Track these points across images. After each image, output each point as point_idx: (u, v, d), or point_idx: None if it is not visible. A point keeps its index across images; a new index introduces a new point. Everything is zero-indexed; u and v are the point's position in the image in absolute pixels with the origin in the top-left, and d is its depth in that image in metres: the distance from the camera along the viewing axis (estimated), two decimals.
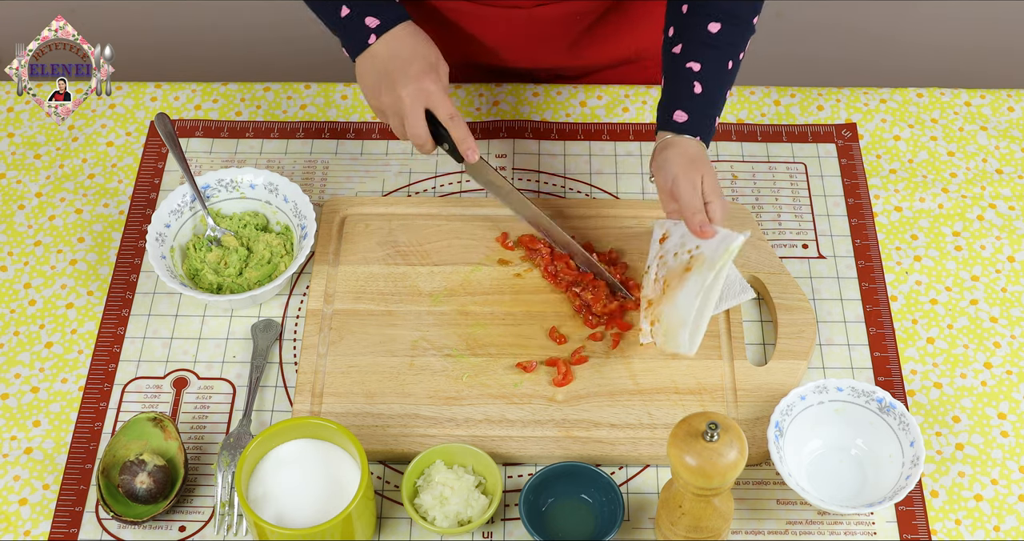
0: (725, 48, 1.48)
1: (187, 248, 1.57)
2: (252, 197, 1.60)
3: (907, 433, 1.38)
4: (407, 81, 1.47)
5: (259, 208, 1.60)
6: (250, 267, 1.55)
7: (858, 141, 1.72)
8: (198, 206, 1.58)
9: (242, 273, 1.55)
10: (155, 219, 1.54)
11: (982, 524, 1.39)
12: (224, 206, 1.60)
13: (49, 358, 1.52)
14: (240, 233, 1.58)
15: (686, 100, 1.47)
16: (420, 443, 1.42)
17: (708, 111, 1.48)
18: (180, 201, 1.57)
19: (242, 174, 1.59)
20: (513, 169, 1.69)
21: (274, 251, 1.56)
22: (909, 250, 1.61)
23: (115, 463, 1.40)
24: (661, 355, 1.49)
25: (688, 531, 1.30)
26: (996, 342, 1.53)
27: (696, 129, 1.47)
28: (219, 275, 1.54)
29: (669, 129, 1.47)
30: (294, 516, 1.31)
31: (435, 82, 1.48)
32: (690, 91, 1.47)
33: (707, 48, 1.48)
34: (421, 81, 1.47)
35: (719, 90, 1.49)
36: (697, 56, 1.48)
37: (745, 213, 1.61)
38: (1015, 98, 1.77)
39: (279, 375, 1.50)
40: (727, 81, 1.50)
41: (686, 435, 1.21)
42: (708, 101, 1.48)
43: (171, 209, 1.56)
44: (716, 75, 1.48)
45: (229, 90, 1.79)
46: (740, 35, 1.50)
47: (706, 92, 1.47)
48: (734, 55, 1.50)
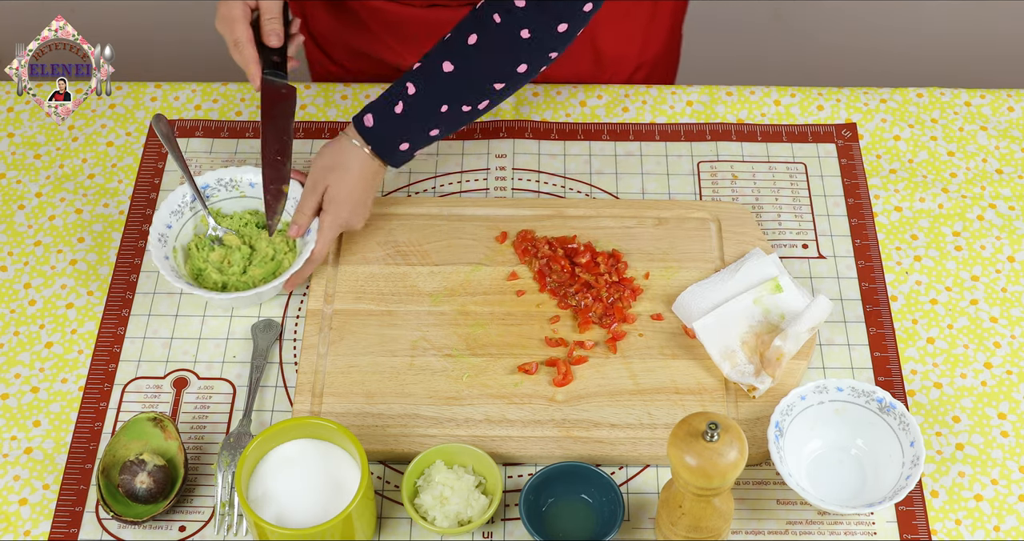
0: (447, 91, 1.45)
1: (189, 248, 1.56)
2: (253, 195, 1.60)
3: (907, 433, 1.38)
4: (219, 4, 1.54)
5: (260, 206, 1.60)
6: (254, 265, 1.54)
7: (858, 141, 1.72)
8: (198, 206, 1.57)
9: (246, 271, 1.54)
10: (156, 220, 1.54)
11: (982, 524, 1.39)
12: (224, 205, 1.60)
13: (49, 358, 1.52)
14: (242, 232, 1.57)
15: (382, 112, 1.47)
16: (420, 443, 1.42)
17: (398, 133, 1.48)
18: (180, 202, 1.57)
19: (242, 173, 1.59)
20: (513, 169, 1.69)
21: (277, 248, 1.56)
22: (909, 250, 1.61)
23: (115, 463, 1.40)
24: (661, 355, 1.49)
25: (688, 531, 1.30)
26: (996, 342, 1.53)
27: (376, 140, 1.48)
28: (223, 274, 1.53)
29: (356, 125, 1.49)
30: (294, 516, 1.31)
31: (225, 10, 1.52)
32: (391, 108, 1.47)
33: (431, 79, 1.44)
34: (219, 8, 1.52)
35: (420, 122, 1.46)
36: (418, 80, 1.45)
37: (745, 213, 1.61)
38: (1015, 98, 1.77)
39: (279, 375, 1.50)
40: (434, 120, 1.47)
41: (686, 435, 1.21)
42: (401, 125, 1.47)
43: (171, 210, 1.56)
44: (424, 109, 1.46)
45: (229, 90, 1.79)
46: (468, 89, 1.45)
47: (404, 116, 1.46)
48: (455, 103, 1.45)
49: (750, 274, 1.52)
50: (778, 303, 1.49)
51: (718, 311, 1.48)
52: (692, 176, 1.68)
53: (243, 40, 1.51)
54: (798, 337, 1.44)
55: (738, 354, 1.46)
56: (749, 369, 1.45)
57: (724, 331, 1.47)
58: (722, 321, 1.48)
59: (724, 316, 1.48)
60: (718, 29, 2.93)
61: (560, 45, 1.43)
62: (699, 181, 1.67)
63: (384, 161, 1.51)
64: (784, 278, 1.51)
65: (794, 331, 1.44)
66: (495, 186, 1.67)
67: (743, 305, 1.49)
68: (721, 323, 1.48)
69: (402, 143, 1.49)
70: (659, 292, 1.55)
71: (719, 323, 1.48)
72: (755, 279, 1.52)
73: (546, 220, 1.61)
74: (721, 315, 1.48)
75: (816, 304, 1.46)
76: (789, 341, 1.43)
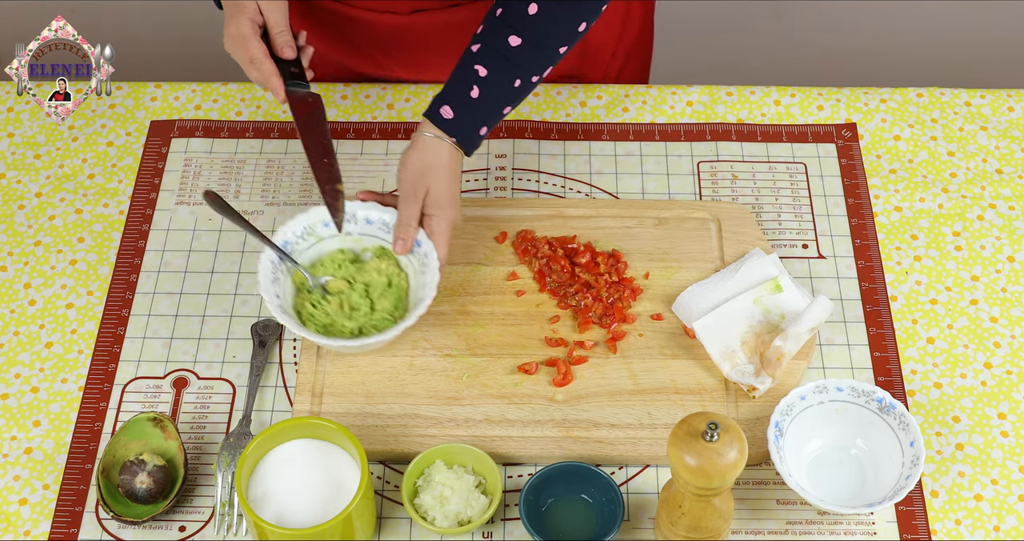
0: (519, 65, 1.45)
1: (299, 305, 1.48)
2: (329, 235, 1.51)
3: (907, 433, 1.38)
4: (225, 25, 1.50)
5: (344, 244, 1.52)
6: (379, 298, 1.48)
7: (858, 141, 1.72)
8: (288, 264, 1.48)
9: (374, 308, 1.48)
10: (264, 293, 1.43)
11: (982, 524, 1.39)
12: (305, 257, 1.51)
13: (49, 358, 1.52)
14: (339, 273, 1.49)
15: (458, 100, 1.46)
16: (420, 443, 1.42)
17: (477, 118, 1.46)
18: (272, 270, 1.46)
19: (310, 217, 1.50)
20: (513, 169, 1.69)
21: (387, 273, 1.49)
22: (909, 250, 1.61)
23: (115, 463, 1.40)
24: (661, 355, 1.49)
25: (688, 531, 1.30)
26: (996, 342, 1.53)
27: (458, 130, 1.46)
28: (354, 319, 1.46)
29: (433, 120, 1.46)
30: (294, 516, 1.31)
31: (240, 18, 1.48)
32: (467, 94, 1.45)
33: (500, 59, 1.45)
34: (231, 21, 1.49)
35: (496, 103, 1.46)
36: (487, 62, 1.45)
37: (745, 213, 1.61)
38: (1015, 98, 1.77)
39: (279, 375, 1.50)
40: (509, 97, 1.47)
41: (686, 435, 1.21)
42: (480, 109, 1.46)
43: (270, 280, 1.45)
44: (499, 87, 1.45)
45: (229, 90, 1.79)
46: (537, 58, 1.46)
47: (481, 99, 1.45)
48: (526, 75, 1.46)
49: (750, 274, 1.52)
50: (778, 303, 1.49)
51: (718, 311, 1.48)
52: (692, 176, 1.68)
53: (259, 56, 1.48)
54: (799, 337, 1.44)
55: (738, 354, 1.46)
56: (749, 369, 1.45)
57: (724, 331, 1.47)
58: (722, 321, 1.48)
59: (724, 316, 1.48)
60: (718, 29, 2.93)
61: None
62: (699, 181, 1.67)
63: (465, 150, 1.48)
64: (784, 278, 1.51)
65: (795, 331, 1.44)
66: (495, 186, 1.67)
67: (743, 305, 1.49)
68: (721, 323, 1.48)
69: (481, 127, 1.47)
70: (659, 292, 1.55)
71: (719, 323, 1.48)
72: (755, 279, 1.52)
73: (546, 220, 1.61)
74: (721, 315, 1.48)
75: (817, 304, 1.46)
76: (789, 341, 1.44)
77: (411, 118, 1.75)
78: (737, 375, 1.45)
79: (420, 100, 1.76)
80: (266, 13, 1.49)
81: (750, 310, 1.49)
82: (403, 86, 1.78)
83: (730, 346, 1.46)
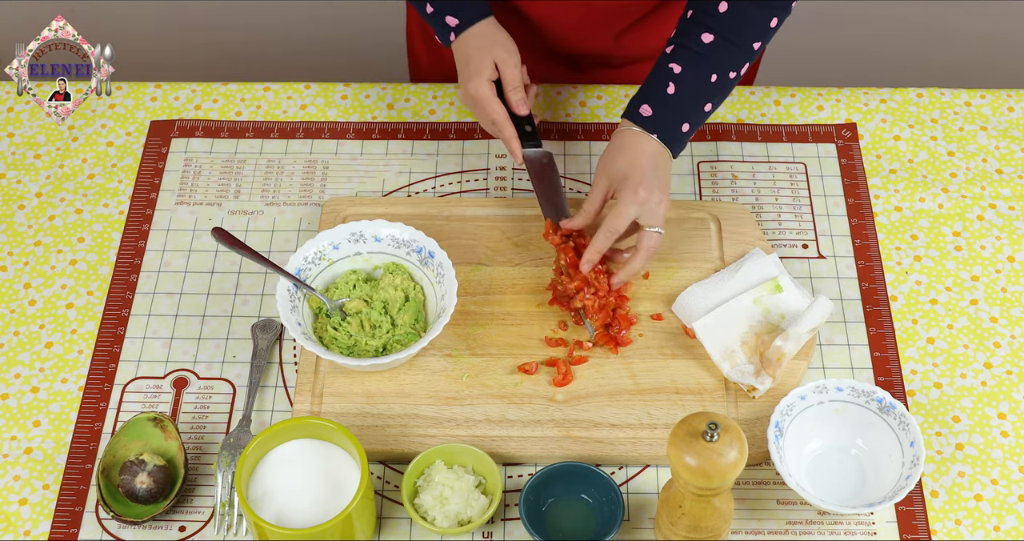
0: (713, 61, 1.48)
1: (320, 330, 1.48)
2: (339, 258, 1.52)
3: (907, 433, 1.38)
4: (464, 81, 1.56)
5: (354, 264, 1.53)
6: (399, 313, 1.48)
7: (858, 141, 1.72)
8: (304, 290, 1.48)
9: (395, 323, 1.48)
10: (286, 322, 1.43)
11: (982, 524, 1.39)
12: (319, 280, 1.51)
13: (49, 358, 1.52)
14: (355, 294, 1.50)
15: (656, 98, 1.48)
16: (420, 443, 1.42)
17: (677, 115, 1.48)
18: (290, 297, 1.46)
19: (317, 244, 1.50)
20: (513, 169, 1.69)
21: (401, 287, 1.49)
22: (909, 250, 1.61)
23: (115, 463, 1.40)
24: (661, 355, 1.49)
25: (688, 531, 1.30)
26: (996, 342, 1.53)
27: (659, 126, 1.48)
28: (377, 338, 1.47)
29: (633, 120, 1.48)
30: (294, 516, 1.31)
31: (480, 80, 1.54)
32: (663, 91, 1.48)
33: (694, 55, 1.48)
34: (471, 81, 1.54)
35: (694, 99, 1.49)
36: (681, 60, 1.48)
37: (745, 213, 1.61)
38: (1015, 98, 1.77)
39: (279, 375, 1.50)
40: (707, 93, 1.49)
41: (686, 435, 1.21)
42: (678, 105, 1.48)
43: (288, 308, 1.45)
44: (695, 83, 1.48)
45: (229, 90, 1.79)
46: (732, 53, 1.49)
47: (678, 95, 1.47)
48: (722, 70, 1.49)
49: (750, 274, 1.52)
50: (778, 303, 1.49)
51: (718, 311, 1.49)
52: (692, 176, 1.68)
53: (501, 120, 1.55)
54: (799, 338, 1.44)
55: (738, 354, 1.46)
56: (749, 369, 1.45)
57: (724, 331, 1.47)
58: (722, 321, 1.48)
59: (724, 316, 1.48)
60: None
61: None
62: (699, 181, 1.67)
63: (671, 149, 1.50)
64: (784, 278, 1.51)
65: (795, 331, 1.44)
66: (495, 186, 1.67)
67: (743, 305, 1.49)
68: (721, 323, 1.48)
69: (683, 124, 1.49)
70: (659, 292, 1.55)
71: (719, 323, 1.48)
72: (755, 279, 1.52)
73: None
74: (721, 315, 1.48)
75: (817, 304, 1.46)
76: (790, 341, 1.44)
77: (411, 118, 1.75)
78: (737, 375, 1.45)
79: (420, 100, 1.76)
80: (503, 69, 1.55)
81: (750, 310, 1.49)
82: (403, 86, 1.78)
83: (730, 346, 1.46)
